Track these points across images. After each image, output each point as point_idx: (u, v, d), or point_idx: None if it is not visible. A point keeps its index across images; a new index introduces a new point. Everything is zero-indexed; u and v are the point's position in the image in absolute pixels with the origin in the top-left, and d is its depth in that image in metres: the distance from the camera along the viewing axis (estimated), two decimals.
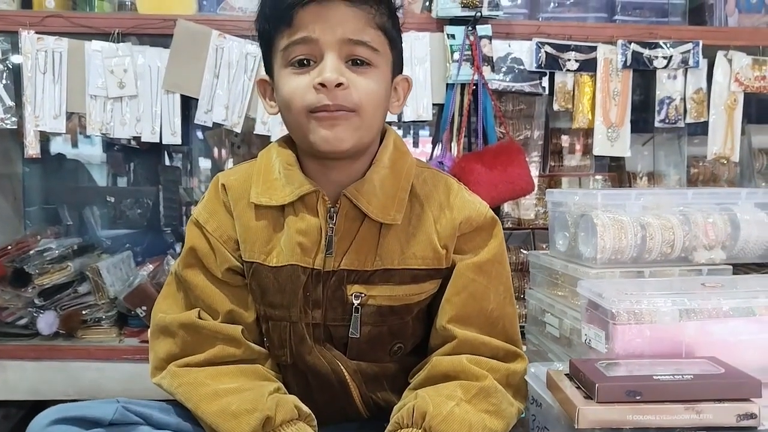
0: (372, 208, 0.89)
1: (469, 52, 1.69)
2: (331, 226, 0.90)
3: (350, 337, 0.93)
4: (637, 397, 0.76)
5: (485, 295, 0.93)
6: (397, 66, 0.94)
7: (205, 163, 2.31)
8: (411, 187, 0.93)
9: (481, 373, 0.88)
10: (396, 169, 0.93)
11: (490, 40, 1.71)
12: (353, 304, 0.91)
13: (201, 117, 1.72)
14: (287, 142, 0.96)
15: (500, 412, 0.87)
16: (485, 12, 1.68)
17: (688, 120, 1.82)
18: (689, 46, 1.77)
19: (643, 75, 1.84)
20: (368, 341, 0.94)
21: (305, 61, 0.86)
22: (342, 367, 0.94)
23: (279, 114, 0.93)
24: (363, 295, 0.91)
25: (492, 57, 1.72)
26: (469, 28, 1.69)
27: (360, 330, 0.92)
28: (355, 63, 0.86)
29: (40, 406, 1.88)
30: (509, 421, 0.89)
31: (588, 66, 1.77)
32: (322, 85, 0.83)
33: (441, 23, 1.73)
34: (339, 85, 0.83)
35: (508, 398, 0.90)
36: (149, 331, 0.98)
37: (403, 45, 0.95)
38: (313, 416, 0.88)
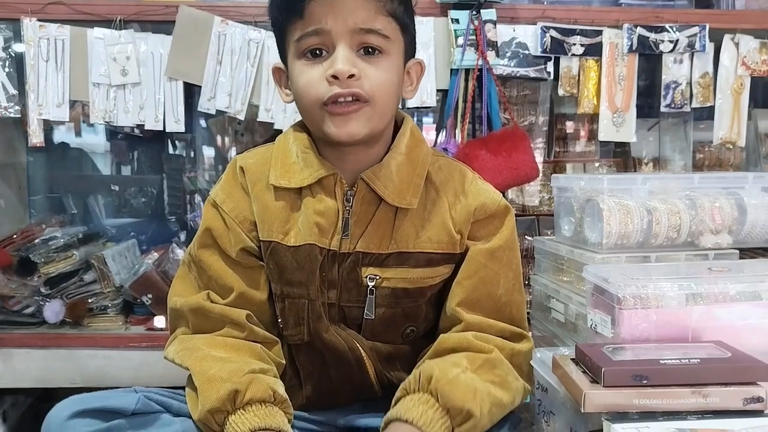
0: (388, 193, 0.91)
1: (474, 37, 1.67)
2: (347, 208, 0.91)
3: (365, 319, 0.94)
4: (644, 381, 0.76)
5: (495, 281, 0.95)
6: (410, 51, 0.95)
7: (208, 151, 2.31)
8: (427, 174, 0.95)
9: (487, 347, 0.90)
10: (412, 157, 0.94)
11: (495, 24, 1.70)
12: (368, 286, 0.93)
13: (204, 104, 1.71)
14: (303, 126, 0.97)
15: (505, 384, 0.88)
16: None
17: (694, 104, 1.80)
18: (696, 29, 1.76)
19: (649, 59, 1.82)
20: (382, 323, 0.95)
21: (318, 51, 0.88)
22: (358, 345, 0.96)
23: (294, 102, 0.94)
24: (377, 277, 0.93)
25: (496, 42, 1.71)
26: (474, 13, 1.67)
27: (374, 311, 0.94)
28: (367, 51, 0.88)
29: (47, 393, 1.91)
30: (515, 395, 0.90)
31: (593, 50, 1.75)
32: (335, 77, 0.85)
33: (445, 8, 1.71)
34: (351, 76, 0.85)
35: (513, 372, 0.91)
36: (168, 312, 1.00)
37: (416, 28, 0.96)
38: (290, 404, 0.88)
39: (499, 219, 0.97)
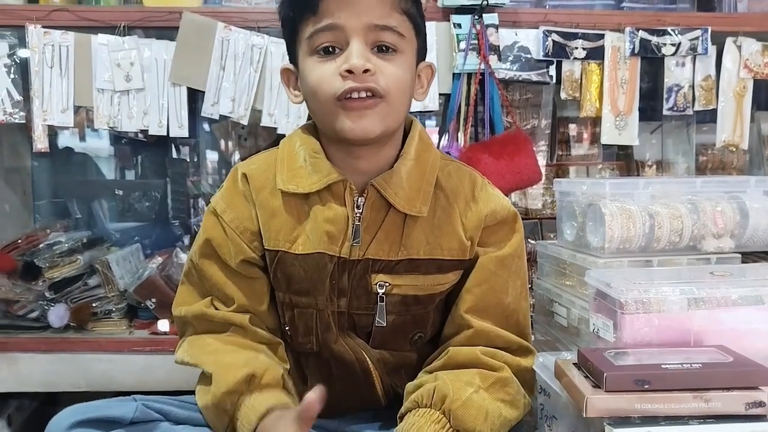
0: (399, 200, 0.90)
1: (476, 41, 1.68)
2: (357, 214, 0.90)
3: (375, 326, 0.94)
4: (646, 386, 0.76)
5: (504, 289, 0.94)
6: (422, 52, 0.94)
7: (212, 156, 2.32)
8: (436, 180, 0.93)
9: (498, 365, 0.90)
10: (421, 162, 0.93)
11: (497, 28, 1.70)
12: (377, 293, 0.92)
13: (208, 110, 1.72)
14: (310, 130, 0.95)
15: (515, 402, 0.89)
16: (491, 0, 1.67)
17: (697, 108, 1.80)
18: (698, 32, 1.76)
19: (651, 62, 1.82)
20: (392, 330, 0.95)
21: (331, 49, 0.85)
22: (366, 356, 0.95)
23: (303, 103, 0.92)
24: (387, 284, 0.92)
25: (499, 46, 1.71)
26: (476, 17, 1.68)
27: (386, 319, 0.93)
28: (381, 50, 0.86)
29: (52, 397, 1.91)
30: (521, 412, 0.91)
31: (595, 54, 1.76)
32: (350, 71, 0.83)
33: (447, 12, 1.72)
34: (366, 71, 0.83)
35: (521, 390, 0.91)
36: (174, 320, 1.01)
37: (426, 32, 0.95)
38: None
39: (509, 225, 0.96)
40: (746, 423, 0.74)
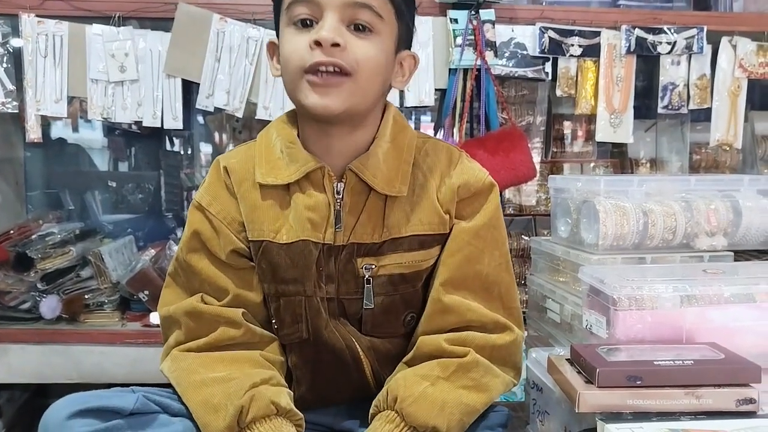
0: (378, 181, 0.90)
1: (472, 37, 1.68)
2: (338, 200, 0.90)
3: (365, 309, 0.94)
4: (638, 382, 0.77)
5: (480, 259, 0.93)
6: (404, 40, 0.93)
7: (206, 148, 2.31)
8: (414, 160, 0.94)
9: (462, 351, 0.88)
10: (397, 143, 0.93)
11: (494, 24, 1.70)
12: (364, 276, 0.92)
13: (202, 102, 1.71)
14: (286, 121, 0.96)
15: (481, 386, 0.87)
16: None
17: (692, 106, 1.81)
18: (693, 31, 1.76)
19: (647, 61, 1.83)
20: (382, 312, 0.94)
21: (308, 21, 0.85)
22: (355, 343, 0.95)
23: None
24: (373, 266, 0.92)
25: (495, 42, 1.71)
26: (473, 13, 1.68)
27: (373, 300, 0.93)
28: (358, 28, 0.86)
29: (43, 389, 1.91)
30: (492, 394, 0.88)
31: (591, 51, 1.76)
32: (318, 43, 0.83)
33: (444, 7, 1.72)
34: (335, 45, 0.83)
35: (492, 370, 0.89)
36: (160, 323, 0.98)
37: (415, 22, 0.94)
38: (297, 412, 0.88)
39: (483, 196, 0.95)
40: (737, 419, 0.75)
